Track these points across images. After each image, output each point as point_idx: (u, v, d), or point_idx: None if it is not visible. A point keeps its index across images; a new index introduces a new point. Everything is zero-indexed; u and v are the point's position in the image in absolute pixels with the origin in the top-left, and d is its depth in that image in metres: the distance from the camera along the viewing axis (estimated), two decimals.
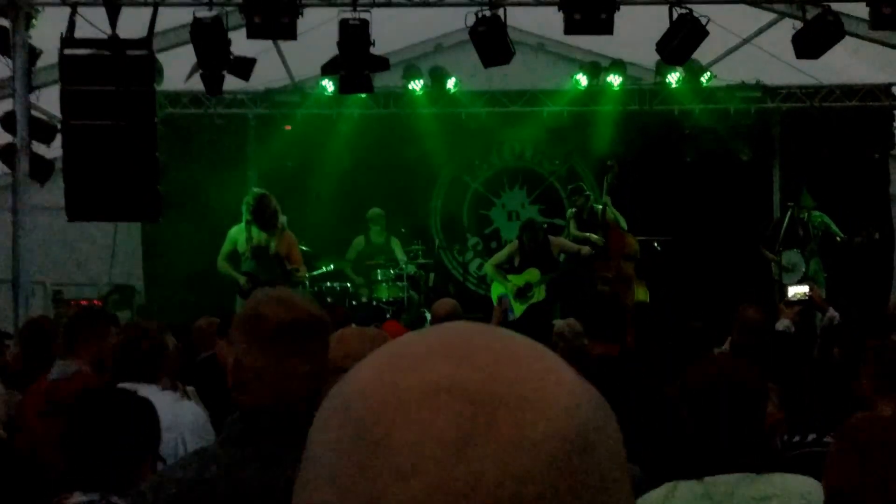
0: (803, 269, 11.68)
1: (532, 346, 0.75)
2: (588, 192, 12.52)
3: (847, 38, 10.78)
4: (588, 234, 11.77)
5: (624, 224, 11.77)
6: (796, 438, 4.15)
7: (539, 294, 11.17)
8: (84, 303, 12.17)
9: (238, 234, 10.56)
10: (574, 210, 12.38)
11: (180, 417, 4.24)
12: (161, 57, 10.66)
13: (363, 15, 10.35)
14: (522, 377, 0.70)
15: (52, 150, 11.18)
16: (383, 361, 0.73)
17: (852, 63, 12.88)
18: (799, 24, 10.65)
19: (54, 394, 4.75)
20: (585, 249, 11.41)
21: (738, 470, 2.92)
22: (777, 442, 4.18)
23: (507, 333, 0.77)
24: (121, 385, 4.09)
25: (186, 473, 2.35)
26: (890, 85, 14.10)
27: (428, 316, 10.96)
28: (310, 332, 2.44)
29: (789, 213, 11.87)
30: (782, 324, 7.50)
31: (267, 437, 2.34)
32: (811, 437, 4.10)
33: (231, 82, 11.42)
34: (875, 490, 2.34)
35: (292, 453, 1.00)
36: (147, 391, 3.73)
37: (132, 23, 10.22)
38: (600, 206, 11.60)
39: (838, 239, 11.68)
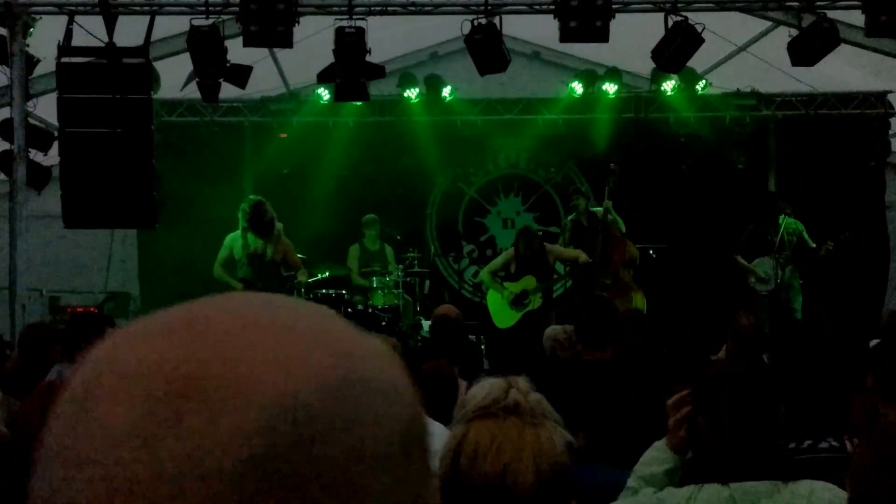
0: (778, 277, 11.61)
1: (284, 319, 0.67)
2: (585, 191, 12.43)
3: (843, 45, 10.80)
4: (579, 250, 11.55)
5: (623, 227, 11.62)
6: (792, 445, 4.15)
7: (535, 301, 11.13)
8: (80, 310, 12.19)
9: (234, 240, 10.55)
10: (573, 217, 12.07)
11: None
12: (158, 65, 10.66)
13: (359, 23, 10.37)
14: (233, 358, 0.62)
15: (50, 158, 11.18)
16: (118, 336, 0.67)
17: (848, 71, 12.90)
18: (794, 32, 10.67)
19: (53, 395, 4.75)
20: (583, 257, 11.37)
21: (764, 477, 2.89)
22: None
23: (269, 303, 0.69)
24: None
25: None
26: (886, 93, 14.09)
27: (424, 323, 10.96)
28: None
29: (775, 220, 11.80)
30: None
31: None
32: (807, 443, 4.11)
33: (227, 90, 11.43)
34: None
35: None
36: None
37: (129, 31, 10.25)
38: (601, 210, 11.48)
39: (812, 246, 11.63)
